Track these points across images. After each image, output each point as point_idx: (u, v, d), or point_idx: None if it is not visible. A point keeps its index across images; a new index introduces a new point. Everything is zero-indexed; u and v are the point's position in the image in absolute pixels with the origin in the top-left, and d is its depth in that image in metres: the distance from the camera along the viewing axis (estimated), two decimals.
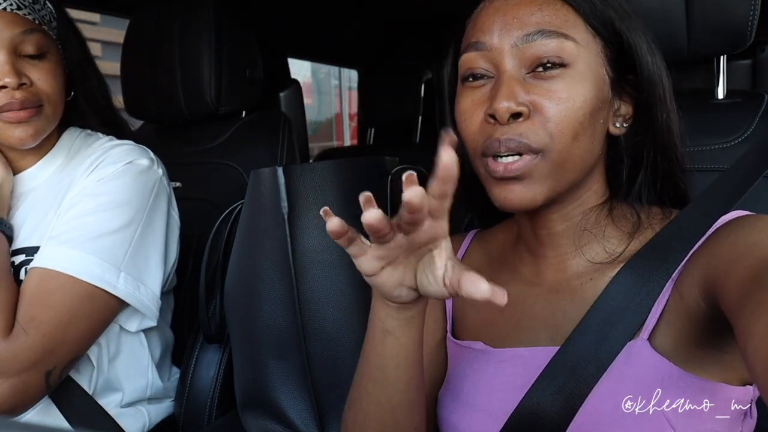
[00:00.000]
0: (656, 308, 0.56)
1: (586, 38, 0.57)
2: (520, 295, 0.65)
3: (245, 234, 0.85)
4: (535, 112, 0.56)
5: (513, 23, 0.57)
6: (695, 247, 0.56)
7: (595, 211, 0.62)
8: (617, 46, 0.58)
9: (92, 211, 0.84)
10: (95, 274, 0.83)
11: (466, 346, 0.67)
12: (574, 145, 0.56)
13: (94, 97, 0.96)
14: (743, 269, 0.47)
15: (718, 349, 0.55)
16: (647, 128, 0.60)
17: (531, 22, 0.57)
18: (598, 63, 0.58)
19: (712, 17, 0.79)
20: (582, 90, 0.56)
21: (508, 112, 0.55)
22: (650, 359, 0.55)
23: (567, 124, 0.56)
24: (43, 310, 0.80)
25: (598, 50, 0.58)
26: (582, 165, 0.58)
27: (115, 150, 0.90)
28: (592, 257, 0.62)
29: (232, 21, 1.20)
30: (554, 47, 0.56)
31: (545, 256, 0.64)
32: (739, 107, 0.82)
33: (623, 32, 0.58)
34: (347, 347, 0.80)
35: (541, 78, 0.56)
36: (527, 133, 0.56)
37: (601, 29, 0.58)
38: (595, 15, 0.57)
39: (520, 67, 0.57)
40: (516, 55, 0.57)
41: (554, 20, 0.56)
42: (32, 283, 0.81)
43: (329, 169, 0.81)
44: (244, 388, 0.88)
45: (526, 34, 0.56)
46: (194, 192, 1.16)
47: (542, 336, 0.62)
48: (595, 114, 0.57)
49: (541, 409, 0.56)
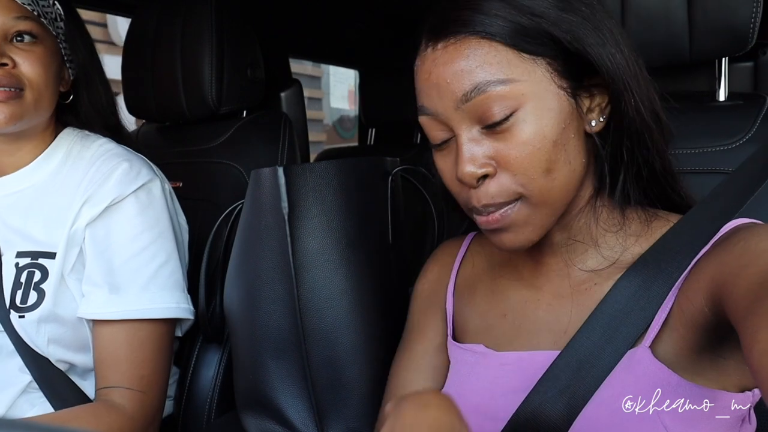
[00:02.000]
0: (660, 314, 0.56)
1: (524, 67, 0.54)
2: (522, 300, 0.65)
3: (245, 234, 0.85)
4: (500, 167, 0.55)
5: (447, 87, 0.55)
6: (701, 254, 0.56)
7: (583, 214, 0.61)
8: (563, 53, 0.55)
9: (139, 251, 0.87)
10: (172, 308, 0.88)
11: (467, 349, 0.67)
12: (549, 179, 0.55)
13: (98, 102, 0.96)
14: (751, 276, 0.47)
15: (717, 355, 0.55)
16: (620, 120, 0.57)
17: (463, 81, 0.54)
18: (547, 84, 0.55)
19: (714, 19, 0.79)
20: (538, 125, 0.54)
21: (473, 178, 0.55)
22: (651, 367, 0.55)
23: (535, 167, 0.54)
24: (146, 364, 0.85)
25: (542, 72, 0.54)
26: (567, 189, 0.57)
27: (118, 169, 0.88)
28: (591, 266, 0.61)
29: (233, 21, 1.20)
30: (495, 98, 0.53)
31: (547, 263, 0.64)
32: (740, 109, 0.82)
33: (562, 38, 0.54)
34: (347, 347, 0.80)
35: (494, 132, 0.55)
36: (499, 192, 0.56)
37: (537, 48, 0.54)
38: (525, 37, 0.54)
39: (472, 125, 0.56)
40: (463, 115, 0.55)
41: (486, 69, 0.54)
42: (122, 339, 0.85)
43: (330, 169, 0.81)
44: (244, 388, 0.88)
45: (463, 94, 0.54)
46: (195, 192, 1.16)
47: (544, 340, 0.62)
48: (560, 138, 0.55)
49: (543, 411, 0.56)
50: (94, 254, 0.86)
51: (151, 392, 0.85)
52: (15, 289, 0.86)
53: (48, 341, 0.86)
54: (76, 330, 0.88)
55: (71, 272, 0.87)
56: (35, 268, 0.86)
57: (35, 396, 0.89)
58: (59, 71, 0.90)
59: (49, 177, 0.91)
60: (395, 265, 0.87)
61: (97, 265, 0.86)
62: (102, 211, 0.86)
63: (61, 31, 0.89)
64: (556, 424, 0.55)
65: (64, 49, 0.90)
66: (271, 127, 1.22)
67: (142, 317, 0.85)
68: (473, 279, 0.72)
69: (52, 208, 0.89)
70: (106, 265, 0.86)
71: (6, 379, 0.88)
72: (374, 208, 0.85)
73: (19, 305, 0.86)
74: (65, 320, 0.87)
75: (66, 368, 0.90)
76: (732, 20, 0.78)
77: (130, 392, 0.83)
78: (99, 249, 0.86)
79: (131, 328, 0.85)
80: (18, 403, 0.88)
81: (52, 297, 0.86)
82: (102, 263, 0.86)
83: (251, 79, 1.24)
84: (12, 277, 0.87)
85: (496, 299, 0.68)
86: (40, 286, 0.86)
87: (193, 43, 1.16)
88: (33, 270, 0.86)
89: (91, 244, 0.86)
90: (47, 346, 0.87)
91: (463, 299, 0.71)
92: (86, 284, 0.86)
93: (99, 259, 0.86)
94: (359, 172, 0.83)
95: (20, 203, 0.90)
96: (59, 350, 0.88)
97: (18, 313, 0.86)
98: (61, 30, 0.89)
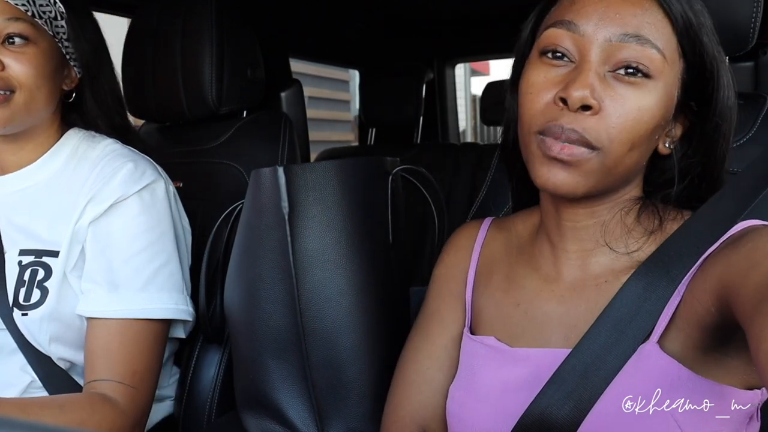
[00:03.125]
0: (666, 312, 0.56)
1: (674, 56, 0.57)
2: (537, 290, 0.65)
3: (245, 234, 0.85)
4: (603, 111, 0.55)
5: (614, 18, 0.56)
6: (707, 253, 0.56)
7: (623, 210, 0.62)
8: (698, 71, 0.58)
9: (140, 250, 0.87)
10: (170, 309, 0.88)
11: (478, 341, 0.67)
12: (628, 154, 0.56)
13: (103, 101, 0.96)
14: (760, 276, 0.47)
15: (723, 355, 0.55)
16: (703, 155, 0.60)
17: (632, 23, 0.55)
18: (675, 83, 0.57)
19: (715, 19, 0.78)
20: (653, 105, 0.56)
21: (581, 102, 0.55)
22: (660, 361, 0.55)
23: (628, 134, 0.55)
24: (139, 360, 0.85)
25: (678, 70, 0.57)
26: (627, 173, 0.59)
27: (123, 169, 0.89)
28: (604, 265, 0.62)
29: (233, 21, 1.20)
30: (645, 55, 0.55)
31: (566, 250, 0.64)
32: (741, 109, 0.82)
33: (710, 60, 0.57)
34: (347, 347, 0.80)
35: (620, 80, 0.56)
36: (590, 129, 0.55)
37: (689, 51, 0.57)
38: (688, 36, 0.57)
39: (604, 63, 0.56)
40: (605, 50, 0.56)
41: (653, 30, 0.56)
42: (115, 333, 0.85)
43: (330, 169, 0.81)
44: (244, 388, 0.88)
45: (624, 33, 0.55)
46: (195, 191, 1.16)
47: (556, 335, 0.62)
48: (655, 131, 0.57)
49: (550, 413, 0.56)
50: (95, 252, 0.86)
51: (143, 389, 0.85)
52: (18, 287, 0.86)
53: (50, 339, 0.87)
54: (78, 328, 0.88)
55: (73, 270, 0.87)
56: (39, 266, 0.86)
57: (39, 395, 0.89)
58: (57, 71, 0.89)
59: (53, 176, 0.91)
60: (396, 264, 0.87)
61: (97, 263, 0.86)
62: (106, 210, 0.86)
63: (61, 29, 0.89)
64: (563, 426, 0.56)
65: (65, 48, 0.90)
66: (271, 127, 1.22)
67: (140, 317, 0.85)
68: (491, 266, 0.71)
69: (57, 206, 0.89)
70: (107, 263, 0.86)
71: (7, 379, 0.88)
72: (374, 207, 0.85)
73: (23, 303, 0.86)
74: (67, 318, 0.87)
75: (67, 367, 0.90)
76: (732, 20, 0.78)
77: (123, 387, 0.83)
78: (100, 247, 0.86)
79: (126, 324, 0.85)
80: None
81: (56, 295, 0.86)
82: (102, 261, 0.86)
83: (251, 79, 1.24)
84: (15, 275, 0.87)
85: (511, 287, 0.68)
86: (43, 284, 0.86)
87: (193, 43, 1.16)
88: (36, 268, 0.86)
89: (93, 241, 0.86)
90: (49, 344, 0.87)
91: (480, 287, 0.71)
92: (85, 281, 0.86)
93: (100, 256, 0.86)
94: (360, 171, 0.83)
95: (24, 201, 0.90)
96: (61, 348, 0.88)
97: (21, 311, 0.86)
98: (62, 29, 0.89)
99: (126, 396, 0.83)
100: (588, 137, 0.55)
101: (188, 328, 0.97)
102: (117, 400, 0.82)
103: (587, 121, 0.55)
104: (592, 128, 0.55)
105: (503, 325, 0.66)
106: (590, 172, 0.56)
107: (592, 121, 0.55)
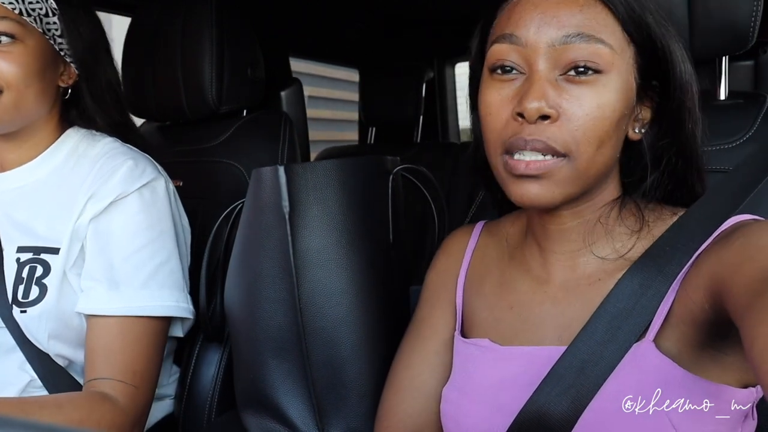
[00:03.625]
0: (661, 310, 0.56)
1: (622, 45, 0.56)
2: (529, 293, 0.65)
3: (246, 233, 0.85)
4: (563, 116, 0.55)
5: (552, 22, 0.56)
6: (701, 249, 0.56)
7: (606, 208, 0.62)
8: (650, 52, 0.57)
9: (140, 248, 0.87)
10: (171, 307, 0.88)
11: (472, 344, 0.67)
12: (598, 153, 0.56)
13: (101, 98, 0.95)
14: (751, 271, 0.47)
15: (719, 351, 0.55)
16: (673, 134, 0.60)
17: (571, 23, 0.55)
18: (629, 70, 0.57)
19: (715, 18, 0.78)
20: (612, 99, 0.55)
21: (537, 113, 0.55)
22: (654, 360, 0.55)
23: (593, 133, 0.55)
24: (139, 359, 0.85)
25: (629, 57, 0.57)
26: (603, 170, 0.59)
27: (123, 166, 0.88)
28: (601, 255, 0.62)
29: (233, 20, 1.20)
30: (591, 52, 0.55)
31: (554, 252, 0.64)
32: (740, 108, 0.82)
33: (659, 39, 0.57)
34: (348, 347, 0.80)
35: (572, 82, 0.56)
36: (554, 137, 0.55)
37: (637, 35, 0.57)
38: (632, 20, 0.56)
39: (553, 68, 0.56)
40: (551, 55, 0.56)
41: (594, 24, 0.55)
42: (116, 332, 0.84)
43: (330, 168, 0.81)
44: (244, 387, 0.88)
45: (565, 35, 0.55)
46: (195, 190, 1.16)
47: (549, 335, 0.62)
48: (620, 122, 0.57)
49: (548, 409, 0.56)
50: (95, 249, 0.86)
51: (143, 387, 0.85)
52: (17, 284, 0.86)
53: (49, 336, 0.86)
54: (77, 326, 0.88)
55: (72, 267, 0.87)
56: (37, 263, 0.86)
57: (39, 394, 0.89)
58: (49, 68, 0.88)
59: (52, 173, 0.91)
60: (396, 264, 0.87)
61: (97, 261, 0.86)
62: (106, 207, 0.86)
63: (53, 26, 0.87)
64: (560, 422, 0.56)
65: (59, 44, 0.89)
66: (271, 126, 1.23)
67: (141, 314, 0.85)
68: (483, 270, 0.72)
69: (56, 204, 0.88)
70: (107, 260, 0.86)
71: (6, 378, 0.88)
72: (375, 207, 0.85)
73: (21, 300, 0.86)
74: (67, 316, 0.87)
75: (66, 365, 0.90)
76: (732, 19, 0.78)
77: (123, 386, 0.83)
78: (100, 244, 0.86)
79: (127, 322, 0.85)
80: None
81: (56, 292, 0.86)
82: (103, 259, 0.86)
83: (251, 78, 1.24)
84: (14, 272, 0.87)
85: (503, 291, 0.68)
86: (42, 281, 0.86)
87: (194, 43, 1.16)
88: (35, 265, 0.86)
89: (93, 239, 0.86)
90: (47, 341, 0.87)
91: (472, 291, 0.71)
92: (85, 279, 0.86)
93: (100, 254, 0.86)
94: (360, 171, 0.83)
95: (23, 199, 0.90)
96: (59, 345, 0.88)
97: (20, 308, 0.86)
98: (54, 25, 0.87)
99: (126, 395, 0.83)
100: (554, 145, 0.55)
101: (186, 327, 0.97)
102: (117, 398, 0.82)
103: (548, 129, 0.55)
104: (555, 135, 0.55)
105: (496, 327, 0.66)
106: (564, 180, 0.57)
107: (553, 129, 0.55)
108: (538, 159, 0.56)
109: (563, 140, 0.55)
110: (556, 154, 0.55)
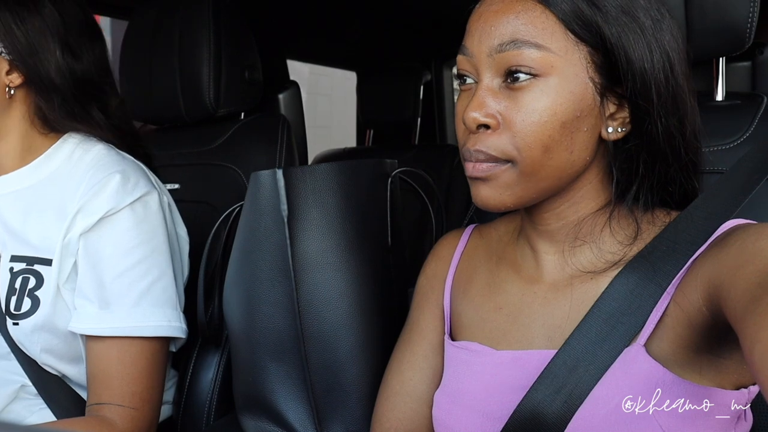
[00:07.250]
0: (655, 312, 0.56)
1: (566, 46, 0.56)
2: (519, 293, 0.65)
3: (244, 236, 0.85)
4: (504, 124, 0.57)
5: (490, 32, 0.57)
6: (698, 252, 0.56)
7: (591, 216, 0.62)
8: (605, 51, 0.56)
9: (131, 266, 0.85)
10: (162, 327, 0.86)
11: (462, 347, 0.67)
12: (545, 156, 0.56)
13: (49, 99, 0.88)
14: (750, 274, 0.47)
15: (715, 354, 0.55)
16: (641, 134, 0.58)
17: (506, 31, 0.56)
18: (581, 70, 0.56)
19: (712, 19, 0.79)
20: (553, 102, 0.55)
21: (474, 123, 0.57)
22: (644, 365, 0.55)
23: (534, 138, 0.56)
24: (137, 381, 0.84)
25: (581, 57, 0.56)
26: (559, 174, 0.58)
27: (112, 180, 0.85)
28: (592, 256, 0.61)
29: (230, 22, 1.20)
30: (525, 58, 0.55)
31: (546, 252, 0.64)
32: (738, 109, 0.82)
33: (608, 37, 0.56)
34: (346, 350, 0.80)
35: (511, 89, 0.57)
36: (494, 146, 0.57)
37: (585, 35, 0.56)
38: (578, 20, 0.55)
39: (494, 77, 0.58)
40: (491, 64, 0.58)
41: (530, 29, 0.56)
42: (113, 355, 0.83)
43: (329, 171, 0.81)
44: (243, 391, 0.88)
45: (500, 43, 0.56)
46: (192, 194, 1.16)
47: (539, 336, 0.62)
48: (571, 124, 0.56)
49: (541, 410, 0.56)
50: (86, 267, 0.84)
51: (143, 409, 0.84)
52: (9, 294, 0.84)
53: (41, 350, 0.85)
54: (70, 341, 0.86)
55: (66, 282, 0.85)
56: (30, 274, 0.84)
57: (33, 402, 0.88)
58: None
59: (47, 179, 0.89)
60: (394, 267, 0.86)
61: (88, 279, 0.84)
62: (96, 222, 0.83)
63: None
64: (553, 423, 0.56)
65: None
66: (269, 129, 1.22)
67: (133, 335, 0.83)
68: (471, 272, 0.72)
69: (49, 212, 0.86)
70: (98, 279, 0.84)
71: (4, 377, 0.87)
72: (373, 210, 0.85)
73: (14, 312, 0.84)
74: (59, 330, 0.85)
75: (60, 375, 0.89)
76: (729, 20, 0.78)
77: (121, 409, 0.82)
78: (91, 262, 0.84)
79: (123, 344, 0.83)
80: (15, 409, 0.87)
81: (50, 307, 0.84)
82: (93, 277, 0.84)
83: (249, 81, 1.24)
84: (6, 282, 0.85)
85: (492, 292, 0.68)
86: (34, 293, 0.84)
87: (191, 46, 1.16)
88: (28, 276, 0.84)
89: (84, 255, 0.84)
90: (40, 354, 0.86)
91: (459, 293, 0.71)
92: (78, 297, 0.85)
93: (91, 272, 0.84)
94: (358, 174, 0.83)
95: (18, 204, 0.88)
96: (51, 359, 0.87)
97: (12, 320, 0.84)
98: None
99: (125, 418, 0.82)
100: (494, 153, 0.57)
101: (179, 344, 0.96)
102: (116, 422, 0.81)
103: (489, 139, 0.57)
104: (494, 145, 0.57)
105: (483, 329, 0.66)
106: (510, 184, 0.58)
107: (494, 138, 0.57)
108: (481, 161, 0.58)
109: (502, 149, 0.57)
110: (497, 161, 0.58)
